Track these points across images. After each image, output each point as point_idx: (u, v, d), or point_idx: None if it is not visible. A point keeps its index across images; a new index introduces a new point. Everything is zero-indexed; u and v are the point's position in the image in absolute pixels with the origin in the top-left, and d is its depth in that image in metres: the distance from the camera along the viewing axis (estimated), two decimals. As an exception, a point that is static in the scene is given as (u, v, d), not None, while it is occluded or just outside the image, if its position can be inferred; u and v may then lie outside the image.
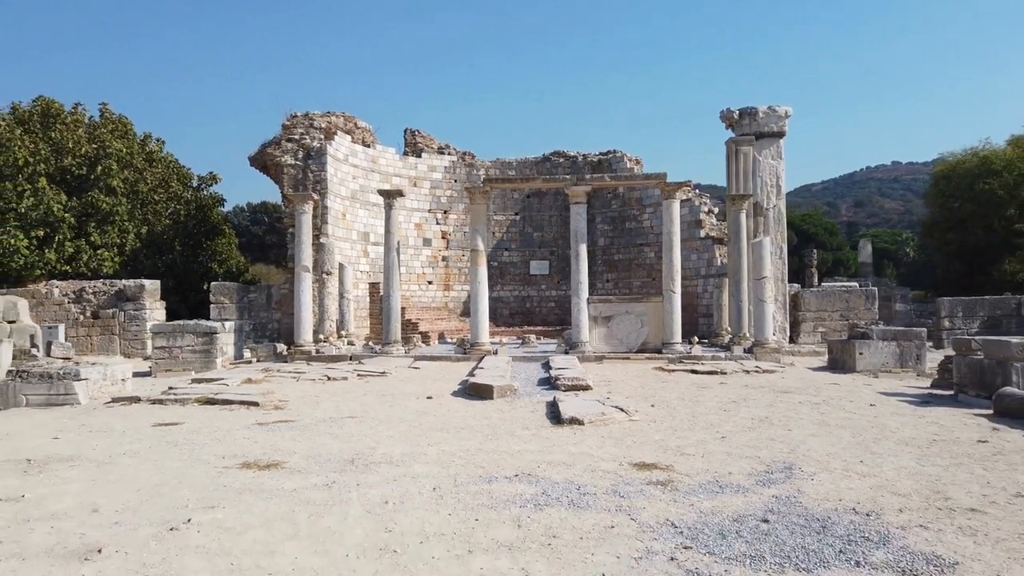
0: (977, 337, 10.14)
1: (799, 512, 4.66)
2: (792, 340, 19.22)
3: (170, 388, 10.54)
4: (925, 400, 9.87)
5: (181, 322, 14.63)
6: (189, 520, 4.39)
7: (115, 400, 9.84)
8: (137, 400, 9.75)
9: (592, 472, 5.67)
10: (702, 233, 21.59)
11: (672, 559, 3.78)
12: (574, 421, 7.80)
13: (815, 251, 32.20)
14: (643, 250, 23.96)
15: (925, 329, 13.86)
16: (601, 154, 25.77)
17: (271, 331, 20.76)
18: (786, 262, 19.35)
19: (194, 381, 11.52)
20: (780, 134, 19.40)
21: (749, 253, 15.54)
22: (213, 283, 20.45)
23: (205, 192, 25.88)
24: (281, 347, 18.61)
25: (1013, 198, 23.81)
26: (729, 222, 17.23)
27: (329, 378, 12.16)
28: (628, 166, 24.67)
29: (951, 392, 10.36)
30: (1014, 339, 9.40)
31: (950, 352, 13.35)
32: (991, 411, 8.68)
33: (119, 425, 8.02)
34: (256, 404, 9.25)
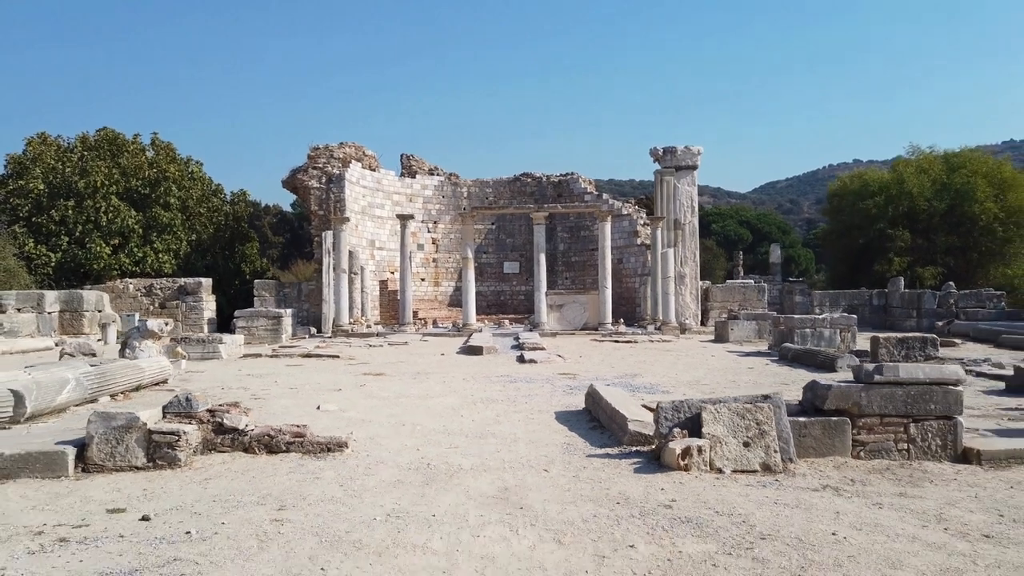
0: (782, 316, 16.29)
1: (626, 384, 10.64)
2: (703, 323, 25.39)
3: (273, 350, 16.30)
4: (749, 354, 15.97)
5: (256, 309, 20.32)
6: (363, 384, 10.29)
7: (245, 356, 15.57)
8: (259, 356, 15.49)
9: (538, 376, 11.66)
10: (638, 241, 27.67)
11: (564, 391, 9.76)
12: (532, 361, 13.76)
13: (741, 253, 38.63)
14: (594, 254, 29.90)
15: (775, 313, 20.02)
16: (561, 175, 31.76)
17: (301, 318, 26.37)
18: (698, 264, 25.57)
19: (281, 347, 17.24)
20: (694, 167, 25.56)
21: (661, 260, 21.65)
22: (256, 280, 26.12)
23: (239, 205, 31.44)
24: (313, 329, 24.36)
25: (884, 214, 30.28)
26: (651, 236, 23.34)
27: (370, 345, 17.97)
28: (583, 187, 30.70)
29: (770, 350, 16.48)
30: (796, 316, 15.56)
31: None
32: (778, 358, 14.80)
33: (268, 365, 13.78)
34: (338, 357, 15.05)
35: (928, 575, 3.33)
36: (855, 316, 15.74)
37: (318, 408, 8.11)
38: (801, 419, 5.75)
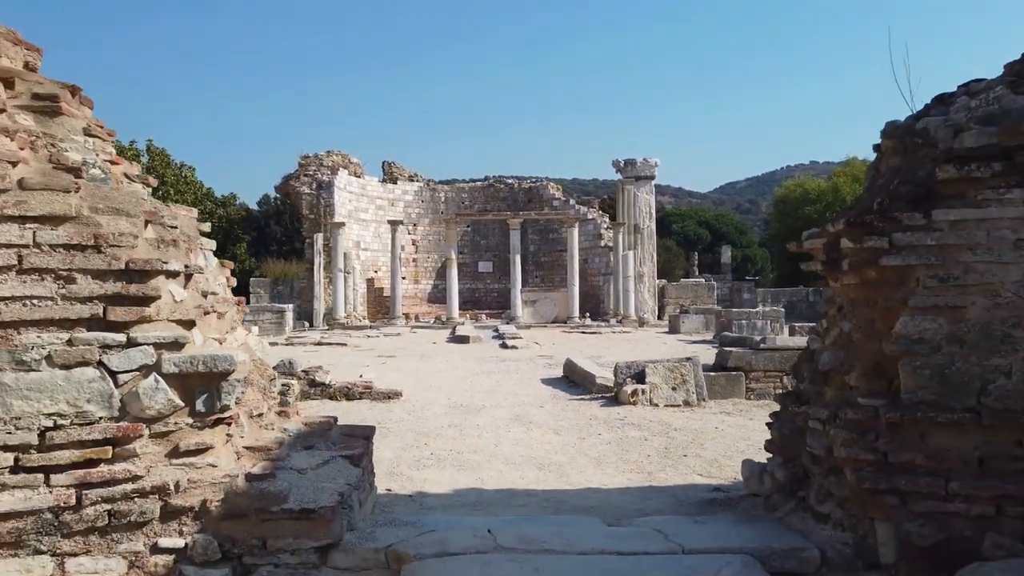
0: (724, 310, 19.19)
1: (597, 360, 13.34)
2: (659, 317, 28.32)
3: (287, 339, 18.68)
4: (695, 341, 18.81)
5: (259, 304, 22.60)
6: (385, 363, 12.84)
7: (263, 344, 17.92)
8: (275, 344, 17.82)
9: (521, 357, 14.32)
10: (602, 243, 30.49)
11: (544, 367, 12.44)
12: (513, 347, 16.42)
13: (696, 253, 41.79)
14: (562, 254, 32.63)
15: (720, 307, 22.99)
16: (532, 182, 34.49)
17: (295, 313, 28.66)
18: (656, 264, 28.50)
19: (290, 337, 19.61)
20: (651, 177, 28.46)
21: (622, 261, 24.50)
22: (252, 278, 28.32)
23: (230, 207, 33.55)
24: (307, 324, 26.66)
25: (822, 220, 33.59)
26: (614, 239, 26.18)
27: (368, 336, 20.43)
28: (551, 192, 33.47)
29: (713, 339, 19.34)
30: (735, 310, 18.47)
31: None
32: (719, 344, 17.64)
33: (289, 351, 16.10)
34: (345, 345, 17.50)
35: (761, 442, 6.06)
36: (783, 309, 18.73)
37: (360, 376, 10.63)
38: (712, 373, 8.51)
